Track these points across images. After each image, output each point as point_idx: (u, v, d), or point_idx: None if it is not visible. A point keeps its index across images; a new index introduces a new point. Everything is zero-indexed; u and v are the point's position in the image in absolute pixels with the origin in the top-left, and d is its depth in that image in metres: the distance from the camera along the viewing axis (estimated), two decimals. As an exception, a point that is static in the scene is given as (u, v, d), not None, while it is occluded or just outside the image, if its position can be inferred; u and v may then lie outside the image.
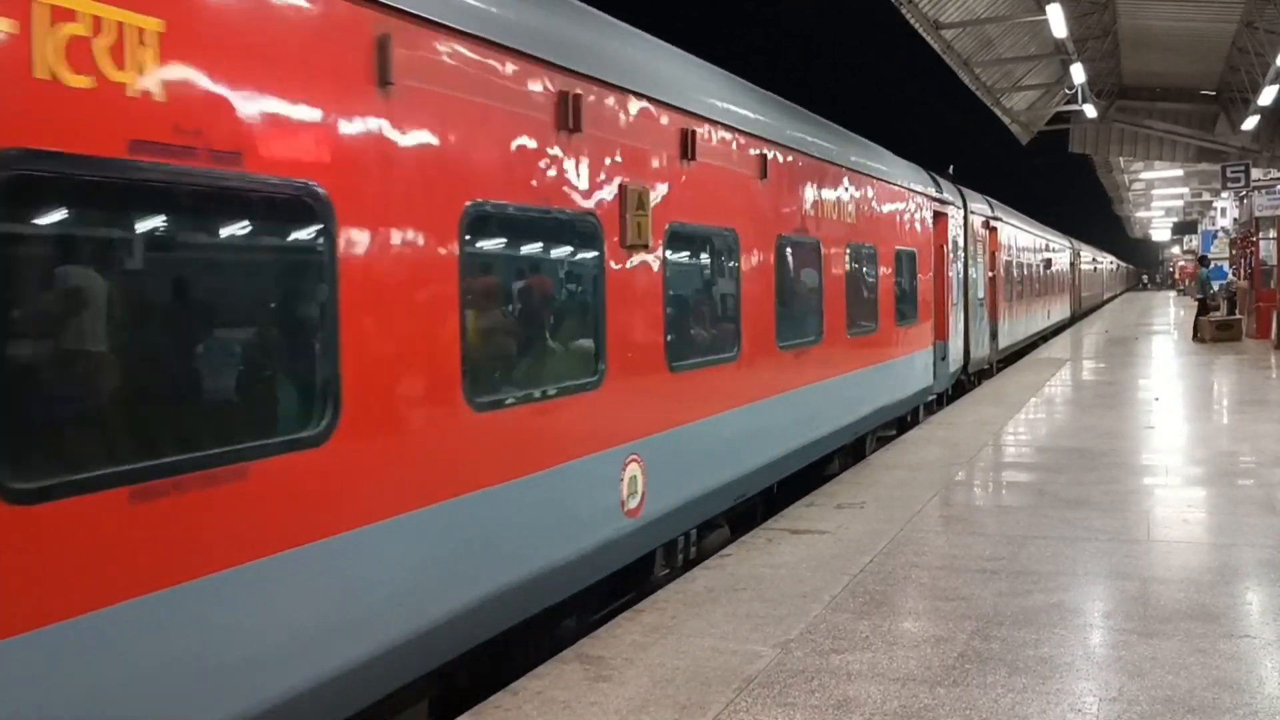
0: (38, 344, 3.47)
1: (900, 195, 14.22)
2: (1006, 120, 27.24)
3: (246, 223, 4.32)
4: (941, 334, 16.54)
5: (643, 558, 7.26)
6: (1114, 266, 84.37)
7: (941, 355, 16.46)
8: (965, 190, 19.32)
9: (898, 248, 13.83)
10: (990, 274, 21.47)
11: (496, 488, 5.46)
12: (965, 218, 18.55)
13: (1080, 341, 32.65)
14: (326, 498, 4.36)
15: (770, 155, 9.36)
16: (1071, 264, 42.91)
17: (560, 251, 6.74)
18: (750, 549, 8.06)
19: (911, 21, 18.15)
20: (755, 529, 8.78)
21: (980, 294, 20.14)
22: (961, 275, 18.11)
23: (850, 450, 12.49)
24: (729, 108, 8.68)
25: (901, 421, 14.76)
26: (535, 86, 5.91)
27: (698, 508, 8.00)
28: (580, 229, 6.46)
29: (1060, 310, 38.00)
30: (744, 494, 8.93)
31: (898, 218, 14.06)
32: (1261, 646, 5.76)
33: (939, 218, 16.38)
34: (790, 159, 9.96)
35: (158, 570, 3.63)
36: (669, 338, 7.47)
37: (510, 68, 5.67)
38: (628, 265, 6.90)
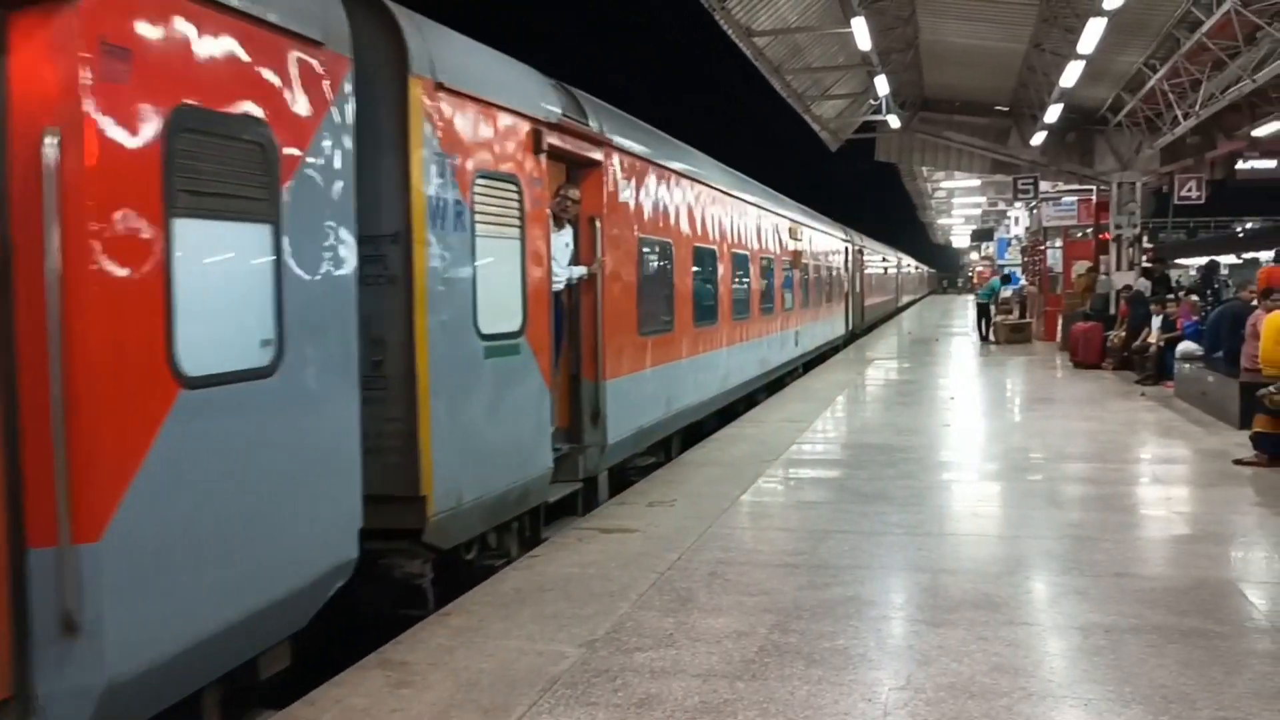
0: None
1: None
2: (816, 127, 28.02)
3: None
4: None
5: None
6: (913, 269, 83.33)
7: None
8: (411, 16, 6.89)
9: None
10: (536, 274, 8.30)
11: None
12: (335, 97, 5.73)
13: (885, 342, 33.97)
14: None
15: None
16: (849, 263, 32.06)
17: None
18: (560, 548, 8.05)
19: (724, 26, 18.45)
20: (566, 528, 8.78)
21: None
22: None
23: None
24: None
25: None
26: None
27: None
28: None
29: (825, 330, 26.50)
30: None
31: None
32: (1039, 633, 6.10)
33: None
34: None
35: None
36: None
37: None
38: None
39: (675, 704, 5.08)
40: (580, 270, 9.50)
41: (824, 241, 26.47)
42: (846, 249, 31.44)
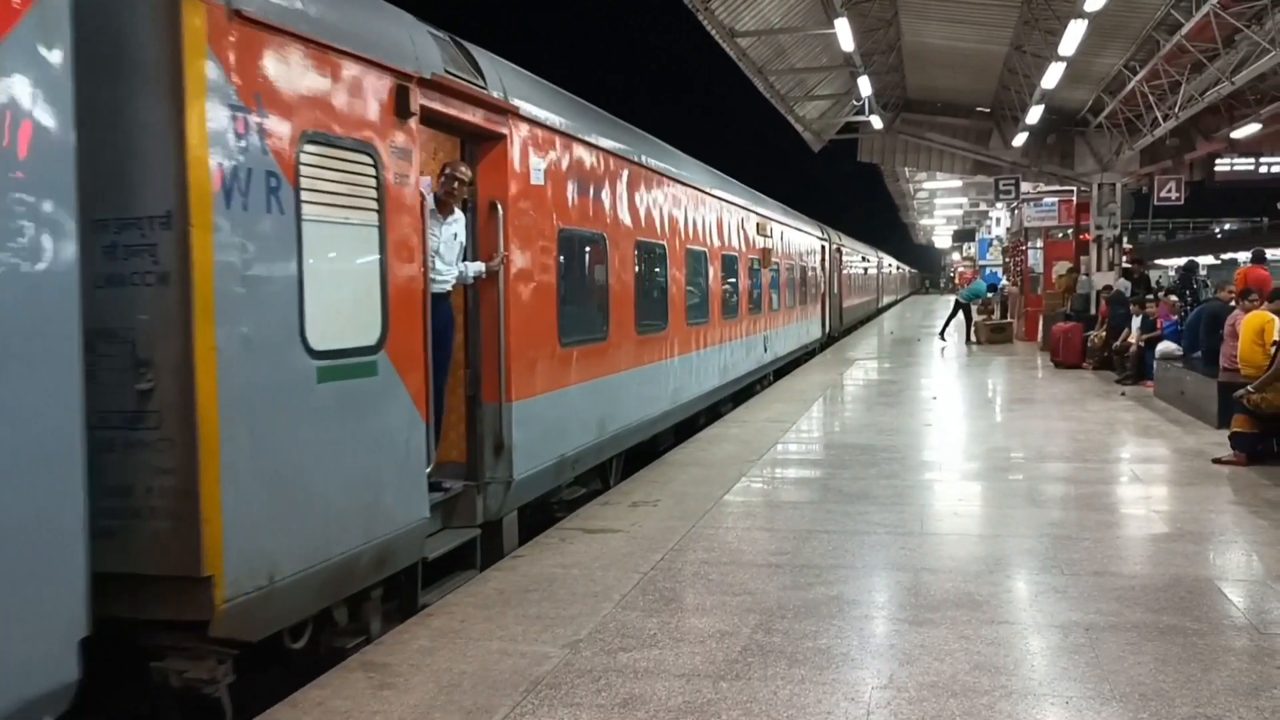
0: None
1: None
2: (800, 128, 28.10)
3: None
4: None
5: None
6: (895, 269, 79.70)
7: None
8: None
9: None
10: (404, 271, 6.49)
11: None
12: None
13: (867, 342, 34.06)
14: None
15: None
16: (827, 263, 30.48)
17: None
18: (543, 549, 8.06)
19: (707, 27, 18.50)
20: (550, 529, 8.78)
21: None
22: None
23: None
24: None
25: None
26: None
27: None
28: None
29: (799, 333, 24.69)
30: None
31: None
32: (1019, 631, 6.13)
33: None
34: None
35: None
36: None
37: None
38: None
39: (659, 704, 5.10)
40: (476, 267, 7.77)
41: (798, 239, 24.57)
42: (824, 248, 29.72)
